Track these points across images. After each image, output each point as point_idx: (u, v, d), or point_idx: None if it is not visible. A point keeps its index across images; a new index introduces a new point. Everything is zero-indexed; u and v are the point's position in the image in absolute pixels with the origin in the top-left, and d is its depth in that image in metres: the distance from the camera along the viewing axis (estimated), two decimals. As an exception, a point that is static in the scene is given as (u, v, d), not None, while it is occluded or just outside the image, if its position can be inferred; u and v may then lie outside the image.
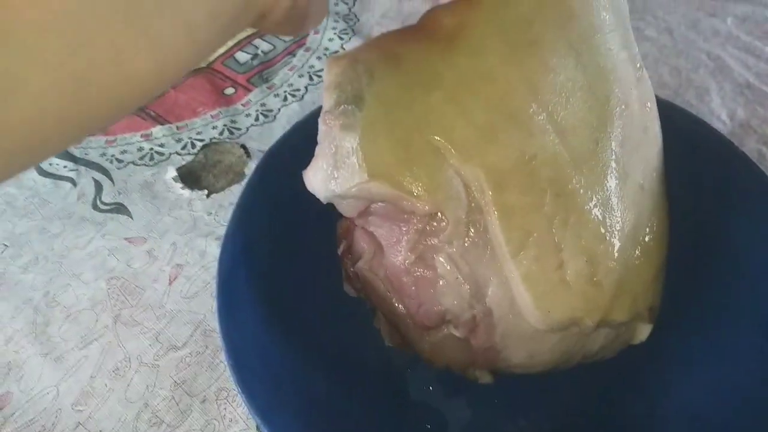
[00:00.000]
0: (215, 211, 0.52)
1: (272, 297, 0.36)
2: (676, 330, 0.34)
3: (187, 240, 0.50)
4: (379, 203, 0.28)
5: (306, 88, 0.63)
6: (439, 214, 0.26)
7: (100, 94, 0.18)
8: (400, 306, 0.30)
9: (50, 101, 0.17)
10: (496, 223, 0.26)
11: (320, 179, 0.29)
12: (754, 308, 0.34)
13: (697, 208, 0.36)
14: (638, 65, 0.31)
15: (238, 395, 0.33)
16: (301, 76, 0.64)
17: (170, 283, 0.47)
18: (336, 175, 0.27)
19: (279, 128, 0.59)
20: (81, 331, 0.45)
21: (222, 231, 0.50)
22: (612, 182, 0.27)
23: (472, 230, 0.26)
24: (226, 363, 0.33)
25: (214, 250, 0.49)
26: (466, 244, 0.27)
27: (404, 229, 0.28)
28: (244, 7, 0.21)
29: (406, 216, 0.27)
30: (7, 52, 0.16)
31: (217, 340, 0.44)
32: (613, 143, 0.28)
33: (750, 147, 0.53)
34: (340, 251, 0.37)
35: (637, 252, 0.28)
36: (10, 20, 0.16)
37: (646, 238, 0.28)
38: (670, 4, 0.70)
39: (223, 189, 0.54)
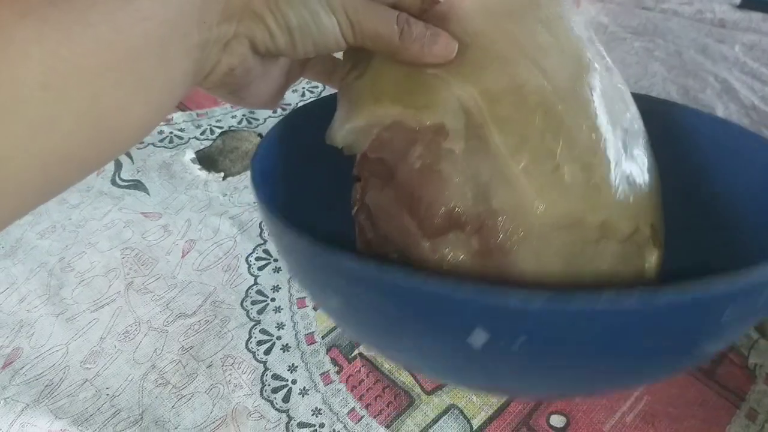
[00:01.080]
0: (230, 193, 0.53)
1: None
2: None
3: (202, 218, 0.51)
4: (389, 129, 0.30)
5: (324, 85, 0.65)
6: (441, 128, 0.29)
7: (110, 133, 0.23)
8: (409, 219, 0.31)
9: (76, 138, 0.22)
10: (493, 129, 0.28)
11: (337, 126, 0.32)
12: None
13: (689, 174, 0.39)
14: (606, 59, 0.34)
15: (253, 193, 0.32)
16: (320, 74, 0.66)
17: (183, 256, 0.48)
18: (349, 116, 0.31)
19: (296, 121, 0.61)
20: (93, 295, 0.46)
21: (236, 211, 0.51)
22: (595, 114, 0.30)
23: (473, 139, 0.29)
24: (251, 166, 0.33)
25: (227, 228, 0.50)
26: (467, 151, 0.29)
27: (411, 143, 0.30)
28: (199, 69, 0.27)
29: (412, 134, 0.30)
30: (45, 97, 0.20)
31: (226, 310, 0.45)
32: (591, 87, 0.31)
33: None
34: (353, 212, 0.38)
35: (629, 169, 0.30)
36: (51, 71, 0.20)
37: (638, 161, 0.31)
38: (681, 29, 0.72)
39: (238, 173, 0.55)
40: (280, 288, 0.46)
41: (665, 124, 0.38)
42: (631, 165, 0.30)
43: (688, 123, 0.41)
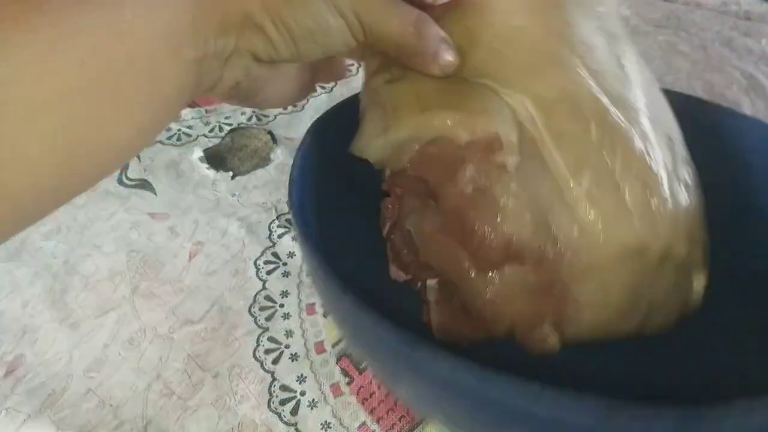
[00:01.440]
0: (239, 193, 0.52)
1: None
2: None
3: (209, 219, 0.50)
4: (433, 145, 0.28)
5: (335, 81, 0.63)
6: (493, 140, 0.27)
7: (88, 160, 0.22)
8: (460, 250, 0.28)
9: (46, 168, 0.20)
10: (551, 145, 0.26)
11: (369, 138, 0.30)
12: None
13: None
14: (635, 52, 0.33)
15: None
16: (331, 69, 0.65)
17: (190, 259, 0.47)
18: (387, 127, 0.28)
19: (306, 118, 0.59)
20: (98, 300, 0.45)
21: (245, 212, 0.50)
22: (646, 122, 0.28)
23: (527, 157, 0.27)
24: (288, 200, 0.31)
25: (235, 230, 0.49)
26: (522, 171, 0.27)
27: (460, 162, 0.27)
28: (197, 84, 0.26)
29: (460, 152, 0.27)
30: (9, 124, 0.19)
31: (233, 317, 0.43)
32: (639, 91, 0.29)
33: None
34: (385, 232, 0.35)
35: (682, 189, 0.28)
36: (12, 96, 0.19)
37: (686, 172, 0.29)
38: (705, 21, 0.70)
39: (247, 172, 0.54)
40: (289, 293, 0.45)
41: (694, 124, 0.36)
42: (681, 177, 0.29)
43: (716, 121, 0.39)
